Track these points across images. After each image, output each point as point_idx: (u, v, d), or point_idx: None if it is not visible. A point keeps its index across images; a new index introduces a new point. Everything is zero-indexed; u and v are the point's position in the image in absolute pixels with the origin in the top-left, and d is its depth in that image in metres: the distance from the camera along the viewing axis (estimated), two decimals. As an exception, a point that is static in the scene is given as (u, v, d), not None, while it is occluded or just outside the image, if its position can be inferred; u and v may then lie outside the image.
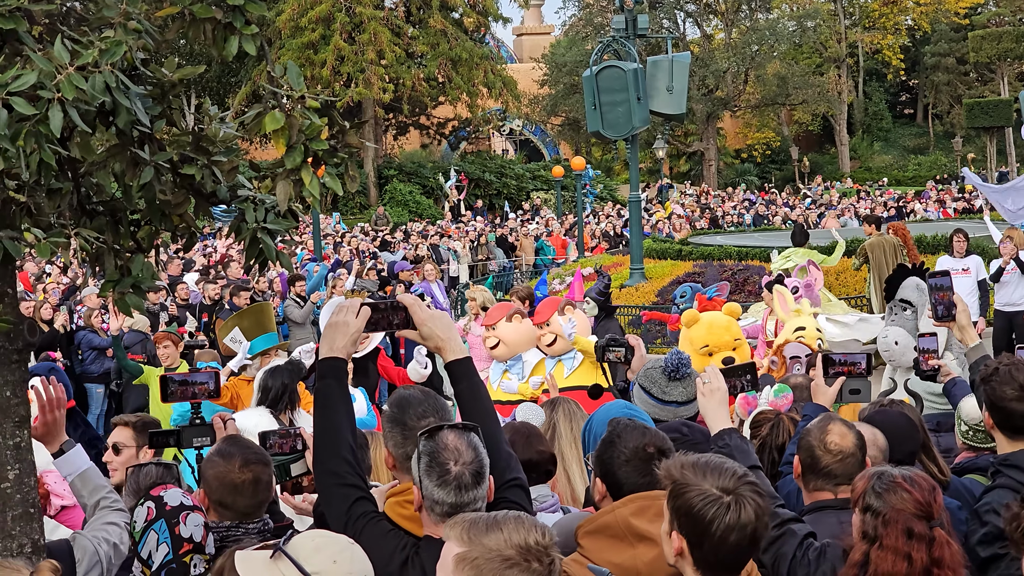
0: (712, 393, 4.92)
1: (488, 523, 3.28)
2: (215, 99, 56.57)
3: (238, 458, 4.97)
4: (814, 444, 4.84)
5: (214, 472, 4.96)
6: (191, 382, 5.71)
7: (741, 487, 3.61)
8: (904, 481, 4.11)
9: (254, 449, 5.12)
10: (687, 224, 40.18)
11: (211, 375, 5.74)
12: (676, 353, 6.29)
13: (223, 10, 3.61)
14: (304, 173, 3.69)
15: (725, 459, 3.76)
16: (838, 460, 4.79)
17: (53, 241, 3.75)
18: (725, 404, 4.93)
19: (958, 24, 73.08)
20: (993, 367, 5.40)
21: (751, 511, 3.58)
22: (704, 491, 3.60)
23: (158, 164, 3.84)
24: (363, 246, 33.35)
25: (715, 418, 4.85)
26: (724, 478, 3.62)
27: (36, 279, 24.53)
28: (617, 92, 22.65)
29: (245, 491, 4.93)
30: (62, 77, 3.32)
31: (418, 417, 4.28)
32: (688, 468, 3.68)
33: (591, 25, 67.40)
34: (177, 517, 4.41)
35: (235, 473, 4.92)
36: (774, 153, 72.76)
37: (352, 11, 53.96)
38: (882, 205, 45.35)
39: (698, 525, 3.59)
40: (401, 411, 4.33)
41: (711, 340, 10.77)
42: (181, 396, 5.70)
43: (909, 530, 4.03)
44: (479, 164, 61.33)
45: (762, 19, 69.24)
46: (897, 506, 4.07)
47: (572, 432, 6.30)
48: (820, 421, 4.96)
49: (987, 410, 5.40)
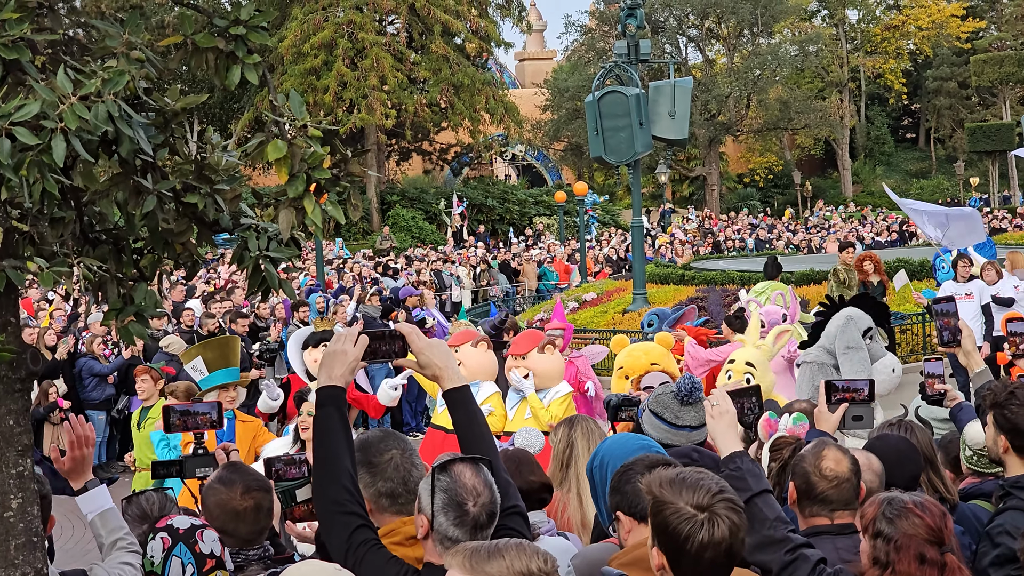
0: (721, 416, 4.89)
1: (490, 551, 3.29)
2: (218, 126, 56.77)
3: (239, 485, 4.97)
4: (809, 470, 4.80)
5: (216, 499, 4.97)
6: (193, 412, 5.69)
7: (716, 504, 3.64)
8: (915, 507, 4.11)
9: (255, 476, 5.12)
10: (689, 249, 40.22)
11: (213, 406, 5.72)
12: (688, 378, 6.27)
13: (225, 39, 3.62)
14: (306, 202, 3.69)
15: (703, 474, 3.77)
16: (834, 486, 4.75)
17: (56, 270, 3.75)
18: (734, 426, 4.90)
19: (960, 48, 73.28)
20: (1007, 391, 5.37)
21: (725, 528, 3.61)
22: (678, 509, 3.64)
23: (161, 193, 3.84)
24: (365, 272, 33.35)
25: (724, 441, 4.82)
26: (699, 495, 3.65)
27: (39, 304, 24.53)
28: (619, 117, 22.72)
29: (247, 518, 4.94)
30: (65, 107, 3.32)
31: (380, 452, 4.34)
32: (665, 484, 3.72)
33: (593, 50, 67.62)
34: (194, 536, 4.50)
35: (236, 500, 4.93)
36: (776, 177, 72.89)
37: (354, 37, 54.15)
38: (886, 229, 45.37)
39: (674, 542, 3.64)
40: (364, 453, 4.37)
41: (626, 363, 11.23)
42: (183, 427, 5.68)
43: (921, 555, 4.03)
44: (481, 190, 61.39)
45: (764, 44, 69.42)
46: (909, 532, 4.06)
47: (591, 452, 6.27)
48: (815, 447, 4.92)
49: (1003, 434, 5.38)
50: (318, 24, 54.34)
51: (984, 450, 6.10)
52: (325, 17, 54.75)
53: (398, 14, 56.08)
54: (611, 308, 24.54)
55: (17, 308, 4.07)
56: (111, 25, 3.59)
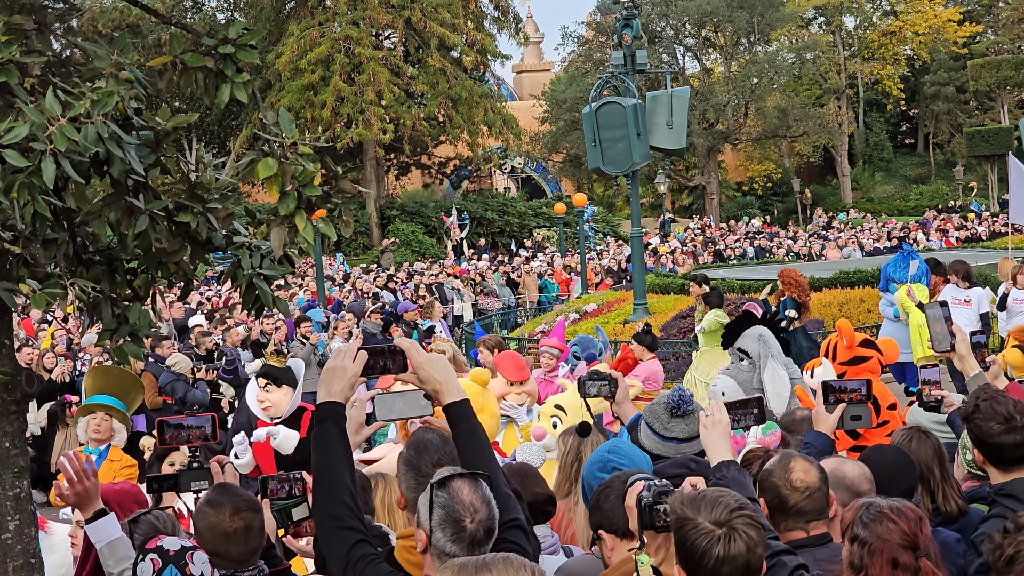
0: (714, 425, 4.89)
1: (478, 565, 3.31)
2: (216, 143, 56.85)
3: (228, 507, 4.97)
4: (779, 484, 4.75)
5: (205, 523, 4.97)
6: (186, 426, 5.66)
7: (734, 520, 3.66)
8: (891, 512, 4.11)
9: (244, 497, 5.11)
10: (690, 258, 40.20)
11: (207, 419, 5.68)
12: (679, 390, 6.26)
13: (214, 58, 3.63)
14: (298, 219, 3.70)
15: (724, 491, 3.80)
16: (806, 496, 4.71)
17: (49, 292, 3.76)
18: (727, 437, 4.89)
19: (957, 53, 73.31)
20: (972, 404, 5.37)
21: (742, 544, 3.63)
22: (697, 525, 3.67)
23: (153, 212, 3.85)
24: (366, 287, 33.36)
25: (716, 450, 4.82)
26: (718, 511, 3.68)
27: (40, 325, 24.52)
28: (617, 128, 22.69)
29: (237, 539, 4.93)
30: (54, 129, 3.33)
31: (433, 464, 4.33)
32: (687, 503, 3.76)
33: (591, 61, 67.70)
34: (184, 559, 4.46)
35: (226, 522, 4.93)
36: (775, 185, 72.89)
37: (351, 52, 54.22)
38: (886, 236, 45.36)
39: (692, 558, 3.66)
40: (417, 456, 4.40)
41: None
42: (176, 440, 5.64)
43: (894, 560, 4.03)
44: (481, 203, 61.40)
45: (761, 52, 69.43)
46: (883, 536, 4.07)
47: None
48: (780, 460, 4.86)
49: (975, 447, 5.39)
50: (315, 40, 54.43)
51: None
52: (322, 33, 54.84)
53: (394, 28, 56.16)
54: (612, 319, 24.50)
55: (11, 329, 4.08)
56: (99, 46, 3.59)
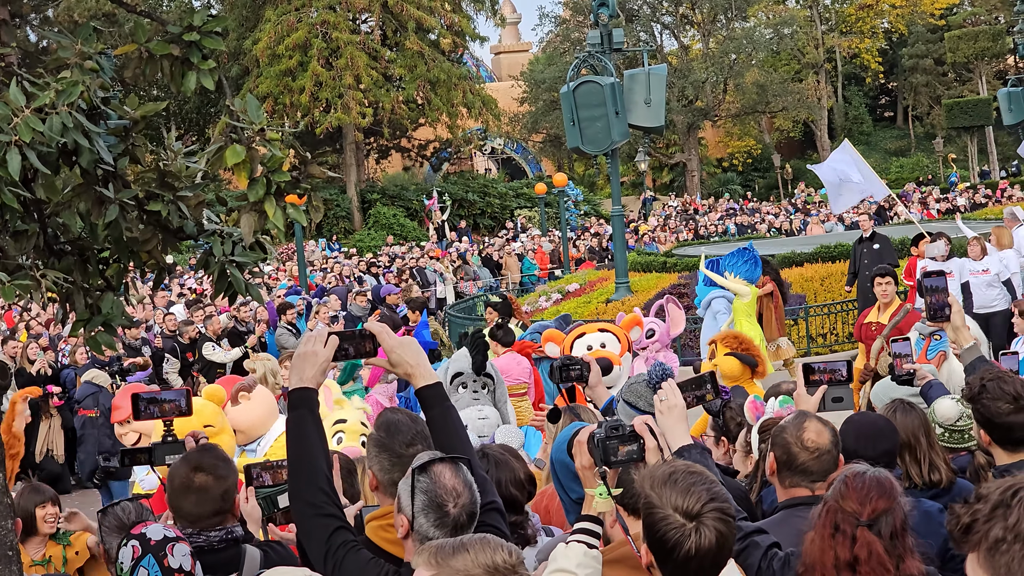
0: (670, 410, 4.76)
1: (455, 546, 3.31)
2: (195, 130, 56.64)
3: (192, 463, 4.98)
4: (790, 441, 4.88)
5: (170, 472, 5.01)
6: (160, 400, 5.63)
7: (705, 512, 3.62)
8: (852, 478, 4.16)
9: (214, 461, 5.05)
10: (671, 236, 40.23)
11: (182, 393, 5.65)
12: (660, 365, 6.27)
13: (180, 46, 3.62)
14: (267, 205, 3.69)
15: (696, 476, 3.74)
16: (815, 457, 4.83)
17: (19, 284, 3.75)
18: (684, 420, 4.83)
19: (934, 25, 73.31)
20: (979, 384, 5.40)
21: (712, 537, 3.60)
22: (667, 516, 3.63)
23: (123, 202, 3.84)
24: (348, 271, 33.31)
25: (674, 434, 4.74)
26: (690, 499, 3.63)
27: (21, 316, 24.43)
28: (595, 107, 22.66)
29: (190, 497, 4.90)
30: (19, 120, 3.32)
31: (406, 444, 4.32)
32: (657, 484, 3.70)
33: (568, 41, 67.53)
34: (164, 550, 4.44)
35: (183, 476, 4.93)
36: (756, 161, 72.90)
37: (328, 37, 54.02)
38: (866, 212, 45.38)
39: (662, 548, 3.65)
40: (389, 436, 4.38)
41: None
42: (149, 415, 5.61)
43: (836, 525, 4.09)
44: (462, 184, 61.34)
45: (739, 28, 69.38)
46: (834, 500, 4.12)
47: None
48: (796, 419, 4.99)
49: (981, 428, 5.42)
50: (292, 25, 54.20)
51: (955, 425, 6.14)
52: (299, 18, 54.60)
53: (371, 12, 55.97)
54: (594, 298, 24.51)
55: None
56: (63, 36, 3.58)
